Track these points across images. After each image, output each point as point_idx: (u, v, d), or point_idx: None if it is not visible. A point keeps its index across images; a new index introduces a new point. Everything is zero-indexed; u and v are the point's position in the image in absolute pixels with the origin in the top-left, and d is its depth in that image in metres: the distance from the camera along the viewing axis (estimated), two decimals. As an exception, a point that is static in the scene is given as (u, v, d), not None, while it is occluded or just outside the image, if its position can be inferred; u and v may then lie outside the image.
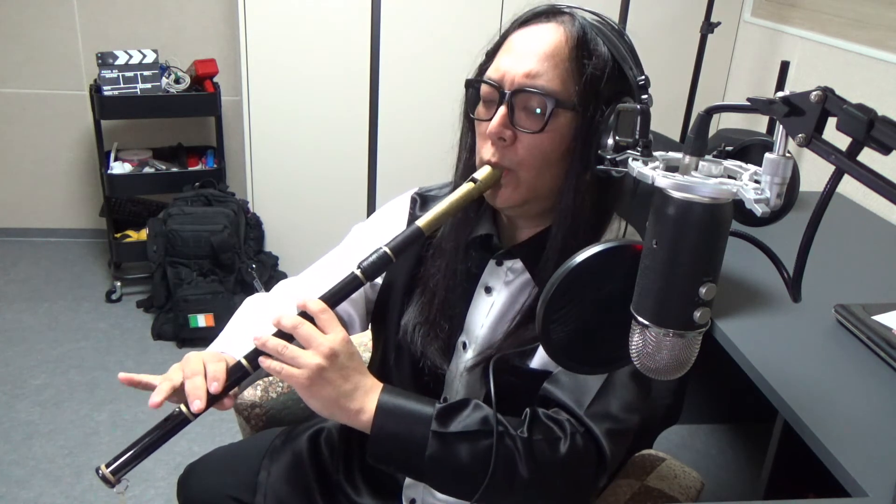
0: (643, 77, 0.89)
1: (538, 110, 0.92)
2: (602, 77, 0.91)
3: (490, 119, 0.93)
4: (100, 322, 2.82)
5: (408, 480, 1.11)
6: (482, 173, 0.94)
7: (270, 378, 1.37)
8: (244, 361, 0.88)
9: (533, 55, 0.92)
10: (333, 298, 0.90)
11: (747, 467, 2.25)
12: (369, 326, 1.16)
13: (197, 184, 2.89)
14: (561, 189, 0.96)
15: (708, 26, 2.63)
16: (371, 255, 0.91)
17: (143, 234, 2.99)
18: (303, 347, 0.87)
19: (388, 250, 0.90)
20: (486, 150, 0.95)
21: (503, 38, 0.98)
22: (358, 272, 0.90)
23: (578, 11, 0.96)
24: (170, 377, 0.88)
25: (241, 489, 1.17)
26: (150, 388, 0.88)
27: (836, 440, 1.11)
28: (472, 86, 0.98)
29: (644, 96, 0.87)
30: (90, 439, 2.19)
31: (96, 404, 2.35)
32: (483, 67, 0.99)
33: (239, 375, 0.89)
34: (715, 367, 1.55)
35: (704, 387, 2.36)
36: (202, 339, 2.66)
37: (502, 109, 0.92)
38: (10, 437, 2.18)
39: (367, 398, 0.88)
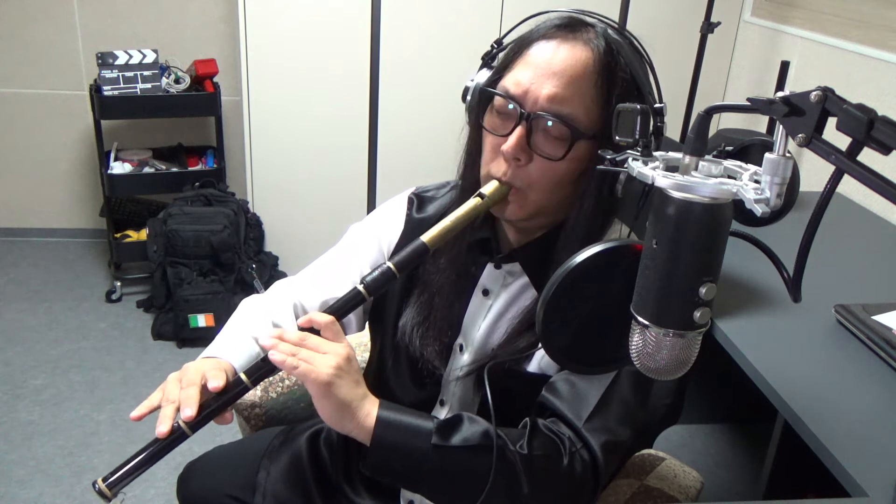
0: (661, 104, 0.87)
1: (559, 137, 0.89)
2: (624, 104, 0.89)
3: (505, 135, 0.91)
4: (100, 322, 2.82)
5: (406, 481, 1.11)
6: (489, 188, 0.93)
7: (271, 378, 1.37)
8: (244, 377, 0.87)
9: (558, 77, 0.89)
10: (337, 314, 0.89)
11: (747, 467, 2.25)
12: (365, 326, 1.16)
13: (197, 184, 2.88)
14: (570, 204, 0.95)
15: (708, 26, 2.63)
16: (374, 272, 0.89)
17: (143, 234, 2.99)
18: None
19: (391, 266, 0.89)
20: (496, 167, 0.93)
21: (522, 46, 0.93)
22: (361, 288, 0.89)
23: (600, 25, 0.93)
24: (170, 397, 0.85)
25: (241, 488, 1.17)
26: (158, 409, 0.86)
27: (836, 440, 1.11)
28: (487, 94, 0.95)
29: (659, 122, 0.86)
30: (90, 439, 2.19)
31: (96, 404, 2.35)
32: (498, 75, 0.95)
33: (238, 390, 0.87)
34: (715, 367, 1.55)
35: (704, 387, 2.36)
36: (202, 339, 2.66)
37: (520, 130, 0.90)
38: (10, 437, 2.18)
39: (372, 406, 0.87)
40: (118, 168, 2.94)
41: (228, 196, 2.85)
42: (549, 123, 0.89)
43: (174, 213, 2.70)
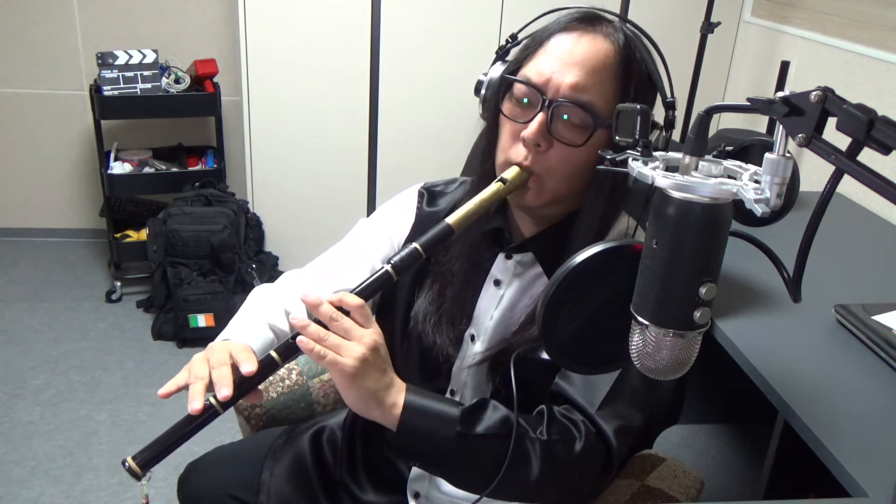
0: (672, 98, 0.91)
1: (579, 125, 0.92)
2: (640, 97, 0.92)
3: (525, 122, 0.93)
4: (100, 322, 2.82)
5: (413, 474, 1.12)
6: (510, 173, 0.94)
7: (271, 378, 1.37)
8: (275, 355, 0.87)
9: (580, 66, 0.91)
10: (364, 293, 0.89)
11: (747, 467, 2.25)
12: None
13: (197, 184, 2.88)
14: (585, 193, 0.97)
15: (708, 26, 2.63)
16: (401, 252, 0.90)
17: (143, 234, 2.99)
18: None
19: (418, 246, 0.90)
20: (515, 152, 0.95)
21: (542, 38, 0.96)
22: (389, 268, 0.89)
23: (618, 21, 0.95)
24: (199, 374, 0.85)
25: (242, 489, 1.17)
26: (185, 388, 0.86)
27: (836, 440, 1.11)
28: (508, 82, 0.97)
29: (672, 115, 0.88)
30: (90, 439, 2.19)
31: (96, 404, 2.35)
32: (517, 65, 0.97)
33: (268, 369, 0.87)
34: (715, 367, 1.55)
35: (704, 387, 2.36)
36: (202, 339, 2.66)
37: (542, 117, 0.92)
38: (10, 437, 2.18)
39: (399, 395, 0.89)
40: (118, 168, 2.94)
41: (228, 196, 2.85)
42: (570, 112, 0.91)
43: (174, 213, 2.70)
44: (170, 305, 2.73)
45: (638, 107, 0.75)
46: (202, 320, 2.66)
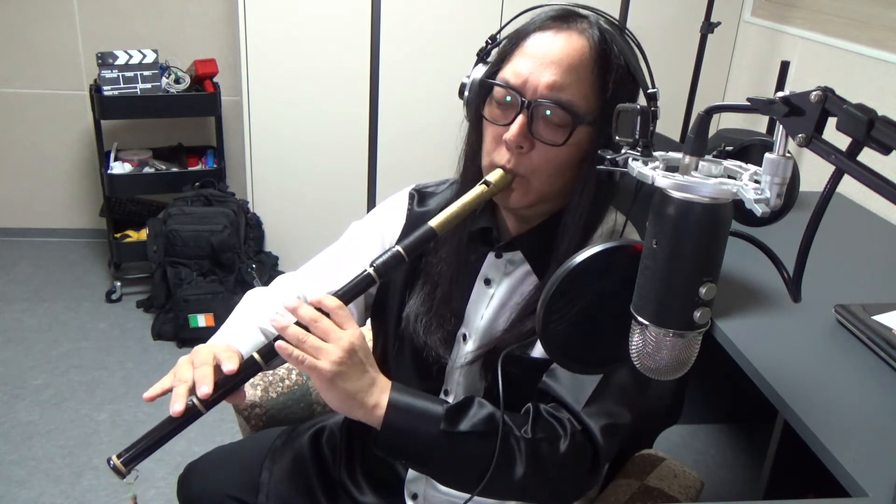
0: (654, 89, 0.90)
1: (559, 123, 0.92)
2: (620, 90, 0.92)
3: (506, 124, 0.93)
4: (100, 322, 2.82)
5: (410, 475, 1.12)
6: (494, 176, 0.95)
7: (271, 378, 1.37)
8: (257, 356, 0.87)
9: (556, 65, 0.91)
10: (346, 296, 0.90)
11: (747, 467, 2.25)
12: (366, 322, 1.17)
13: (197, 184, 2.89)
14: (571, 191, 0.97)
15: (708, 26, 2.63)
16: (384, 255, 0.91)
17: (143, 234, 2.99)
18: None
19: (401, 250, 0.91)
20: (499, 155, 0.95)
21: (519, 38, 0.96)
22: (371, 270, 0.90)
23: (593, 16, 0.95)
24: (182, 377, 0.86)
25: (242, 489, 1.17)
26: (171, 391, 0.86)
27: (836, 440, 1.11)
28: (487, 86, 0.97)
29: (654, 106, 0.88)
30: (90, 439, 2.19)
31: (96, 404, 2.35)
32: (496, 67, 0.97)
33: (251, 370, 0.88)
34: (715, 367, 1.55)
35: (704, 387, 2.36)
36: (202, 339, 2.62)
37: (522, 118, 0.92)
38: (10, 437, 2.18)
39: (382, 395, 0.89)
40: (118, 168, 2.94)
41: (228, 196, 2.85)
42: (549, 111, 0.91)
43: (174, 213, 2.70)
44: (170, 305, 2.73)
45: (638, 107, 0.75)
46: (202, 320, 2.66)
